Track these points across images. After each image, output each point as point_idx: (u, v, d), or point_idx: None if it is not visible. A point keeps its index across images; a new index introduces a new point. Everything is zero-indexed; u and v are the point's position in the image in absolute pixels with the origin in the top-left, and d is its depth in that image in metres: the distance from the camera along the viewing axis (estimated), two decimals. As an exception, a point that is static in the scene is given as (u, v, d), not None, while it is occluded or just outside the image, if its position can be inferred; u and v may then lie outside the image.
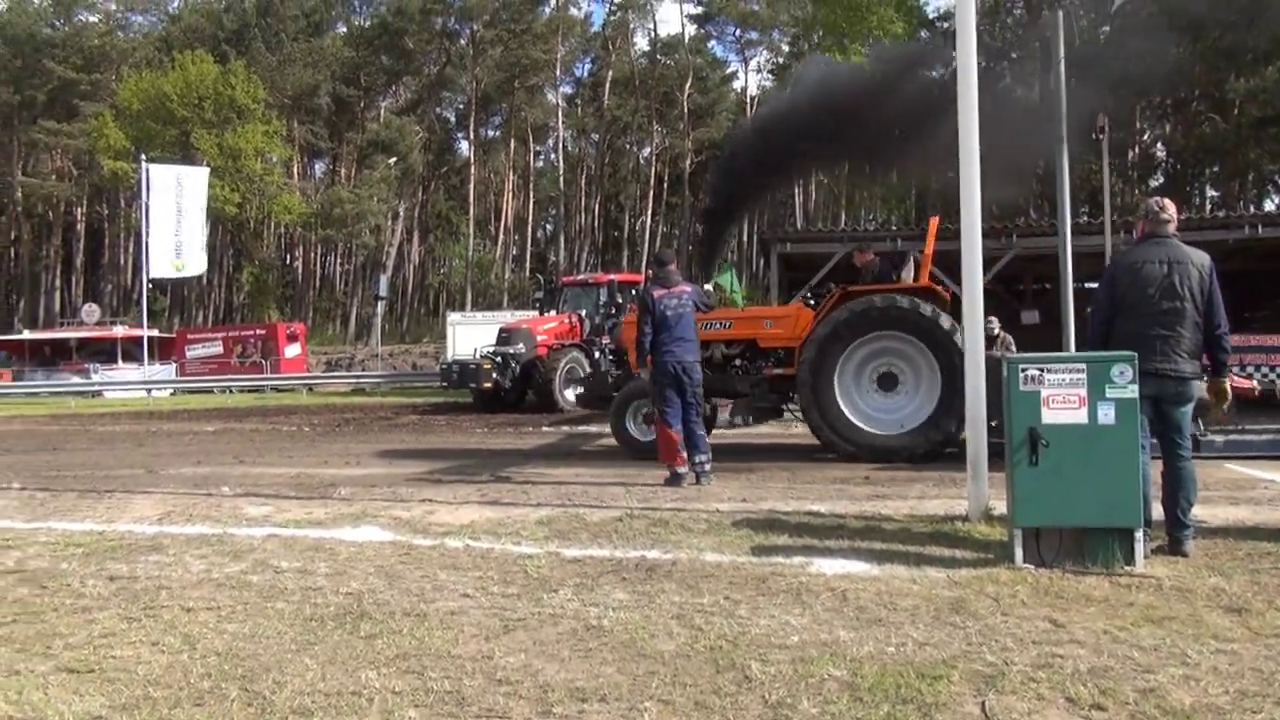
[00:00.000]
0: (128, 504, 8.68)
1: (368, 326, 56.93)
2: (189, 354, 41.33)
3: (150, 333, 38.79)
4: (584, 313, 22.90)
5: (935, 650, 4.14)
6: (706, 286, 11.70)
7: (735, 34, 69.09)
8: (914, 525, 6.75)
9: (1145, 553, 5.41)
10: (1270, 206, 45.39)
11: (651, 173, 67.29)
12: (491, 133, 72.25)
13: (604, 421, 12.79)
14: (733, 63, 73.62)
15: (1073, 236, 12.03)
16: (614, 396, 12.19)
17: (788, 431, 14.24)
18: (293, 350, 40.10)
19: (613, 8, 68.34)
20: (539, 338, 21.91)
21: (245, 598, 5.24)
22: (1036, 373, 5.48)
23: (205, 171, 42.34)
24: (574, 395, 19.64)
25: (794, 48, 60.10)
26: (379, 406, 26.21)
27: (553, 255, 67.91)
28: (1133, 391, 5.36)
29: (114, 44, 63.48)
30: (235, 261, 64.21)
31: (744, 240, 60.24)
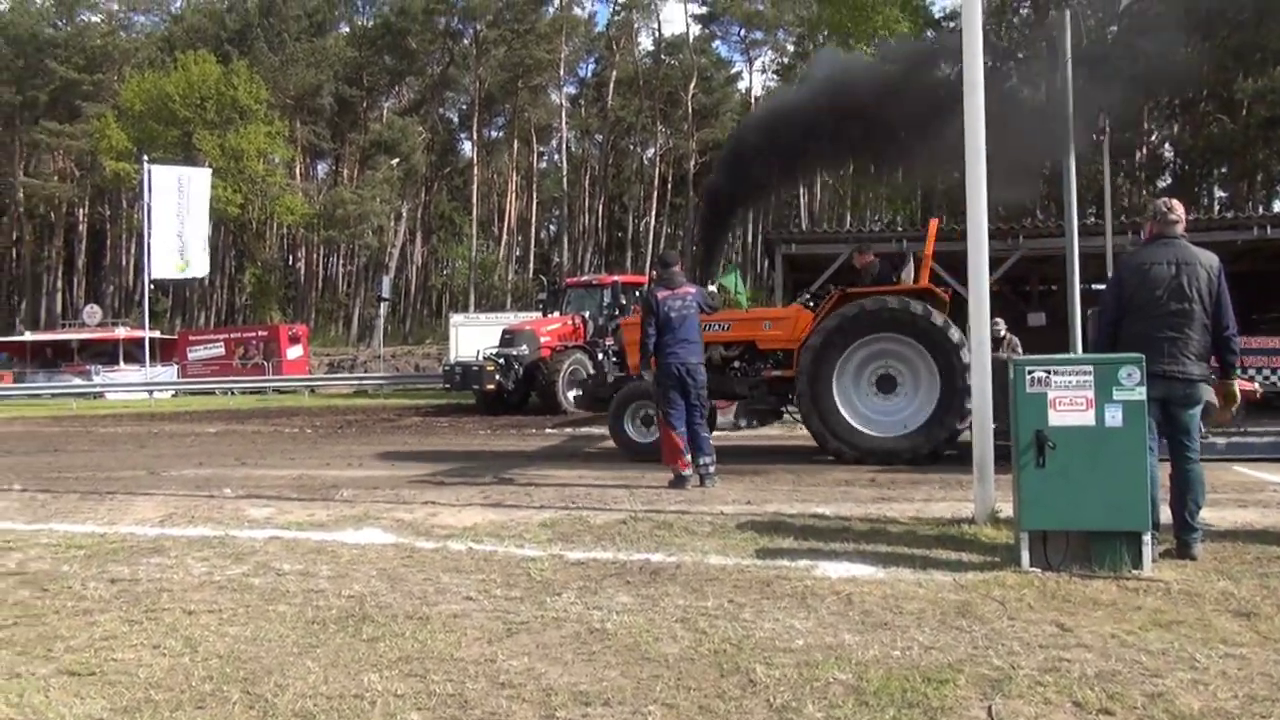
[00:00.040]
0: (129, 506, 8.68)
1: (370, 328, 56.94)
2: (191, 355, 41.40)
3: (152, 334, 38.84)
4: (588, 314, 22.90)
5: (941, 654, 4.12)
6: (710, 288, 11.65)
7: (740, 34, 69.03)
8: (920, 528, 6.73)
9: (1153, 556, 5.39)
10: (1279, 207, 45.34)
11: (655, 173, 67.10)
12: (495, 133, 72.21)
13: (607, 423, 12.75)
14: (737, 63, 73.55)
15: (1080, 237, 11.99)
16: (613, 398, 12.17)
17: (792, 433, 14.20)
18: (295, 352, 40.13)
19: (617, 7, 68.34)
20: (542, 339, 21.91)
21: (247, 600, 5.23)
22: (1043, 375, 5.45)
23: (207, 172, 42.44)
24: (573, 396, 19.67)
25: (799, 48, 60.03)
26: (381, 408, 26.23)
27: (556, 256, 67.87)
28: (1140, 394, 5.34)
29: (116, 44, 63.57)
30: (237, 263, 64.23)
31: (748, 241, 60.19)
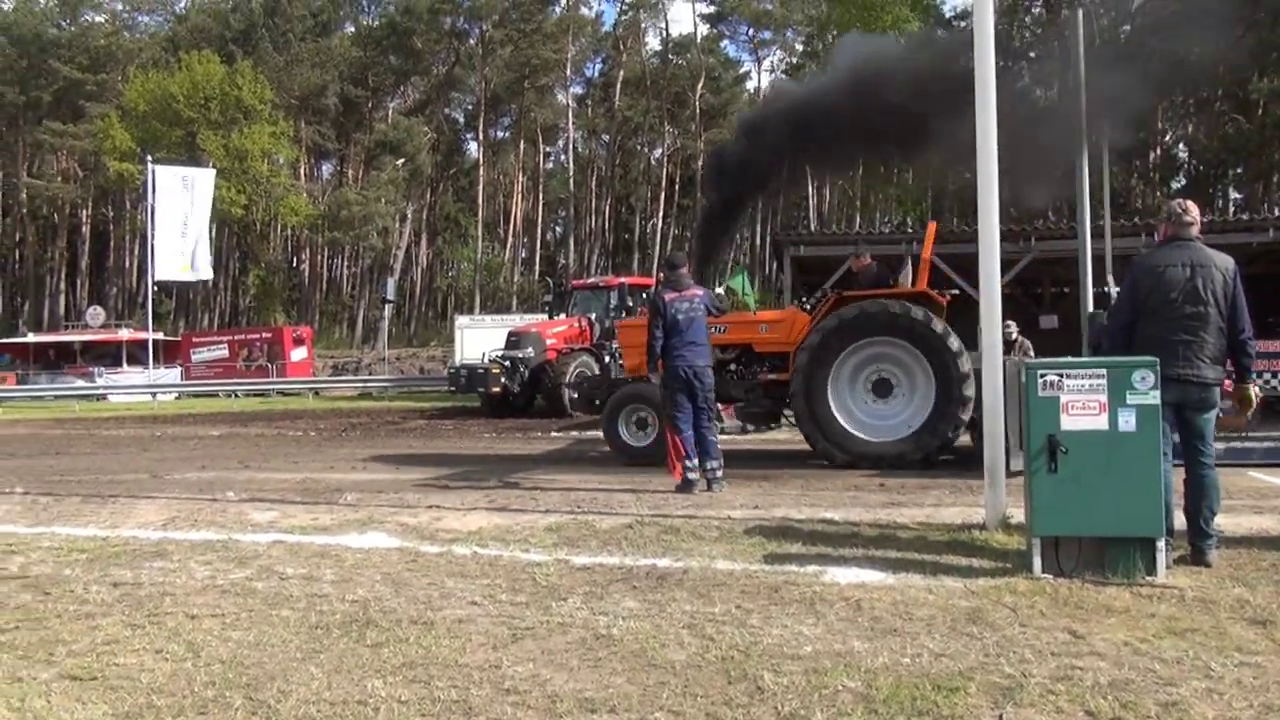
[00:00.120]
0: (132, 509, 8.68)
1: (375, 330, 56.95)
2: (194, 357, 41.41)
3: (155, 336, 38.72)
4: (594, 316, 22.85)
5: (952, 661, 4.10)
6: (718, 290, 11.61)
7: (748, 33, 68.71)
8: (930, 533, 6.70)
9: (1167, 563, 5.35)
10: (1294, 209, 45.06)
11: (663, 174, 66.85)
12: (501, 134, 72.14)
13: (601, 426, 12.72)
14: (746, 63, 73.41)
15: (1092, 239, 11.95)
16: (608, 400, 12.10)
17: (800, 438, 14.15)
18: (299, 354, 40.12)
19: (624, 7, 68.01)
20: (548, 342, 21.88)
21: (250, 605, 5.23)
22: (1056, 378, 5.41)
23: (211, 173, 42.41)
24: (569, 398, 19.66)
25: (808, 47, 59.91)
26: (386, 411, 26.27)
27: (562, 258, 67.81)
28: (1154, 398, 5.30)
29: (120, 44, 63.55)
30: (241, 264, 64.23)
31: (757, 243, 60.12)
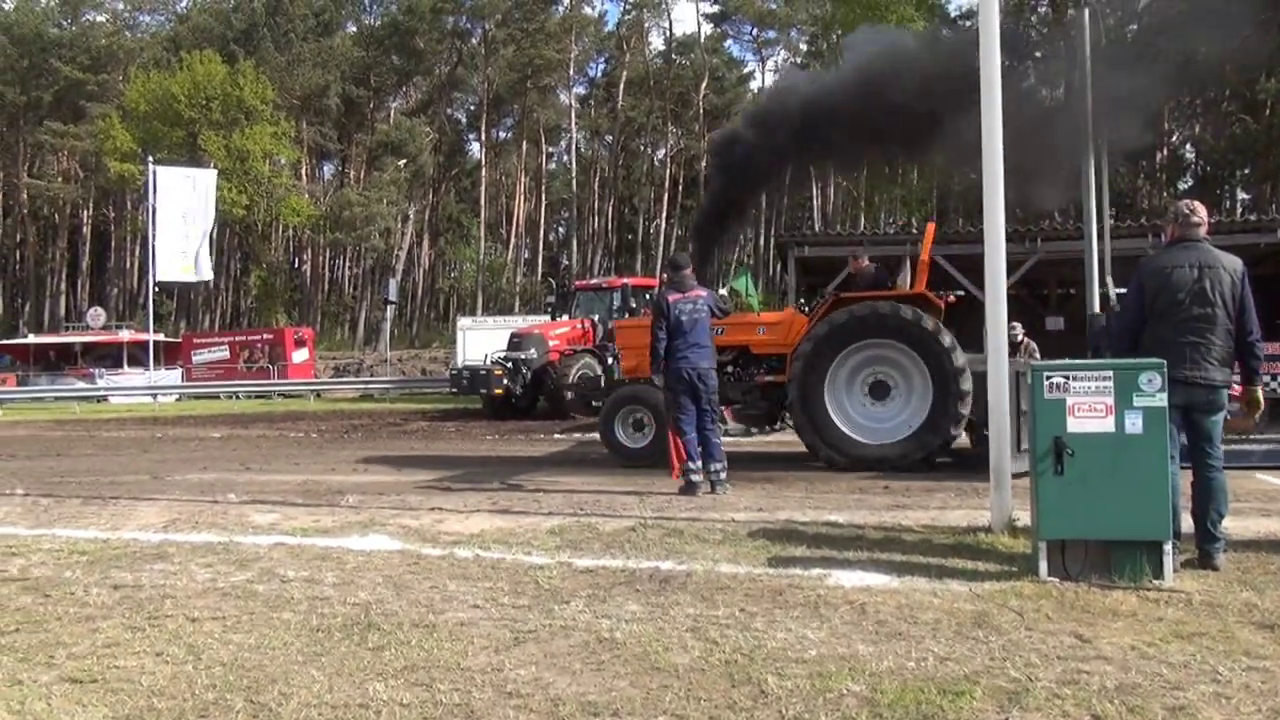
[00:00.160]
0: (132, 511, 8.68)
1: (376, 331, 56.92)
2: (195, 359, 41.36)
3: (156, 337, 38.68)
4: (597, 317, 22.81)
5: (957, 665, 4.08)
6: (722, 291, 11.59)
7: (752, 33, 68.60)
8: (935, 536, 6.69)
9: (1174, 566, 5.32)
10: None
11: (666, 175, 66.74)
12: (503, 134, 72.15)
13: (597, 427, 12.69)
14: (750, 62, 73.13)
15: (1099, 240, 11.91)
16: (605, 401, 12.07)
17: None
18: (300, 355, 40.08)
19: (627, 7, 67.66)
20: (551, 343, 21.83)
21: (251, 607, 5.21)
22: (1062, 380, 5.38)
23: (213, 173, 42.36)
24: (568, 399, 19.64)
25: (812, 47, 59.78)
26: (388, 413, 26.27)
27: (565, 259, 67.69)
28: (1161, 400, 5.27)
29: (121, 44, 63.66)
30: (242, 265, 64.28)
31: (761, 244, 60.05)
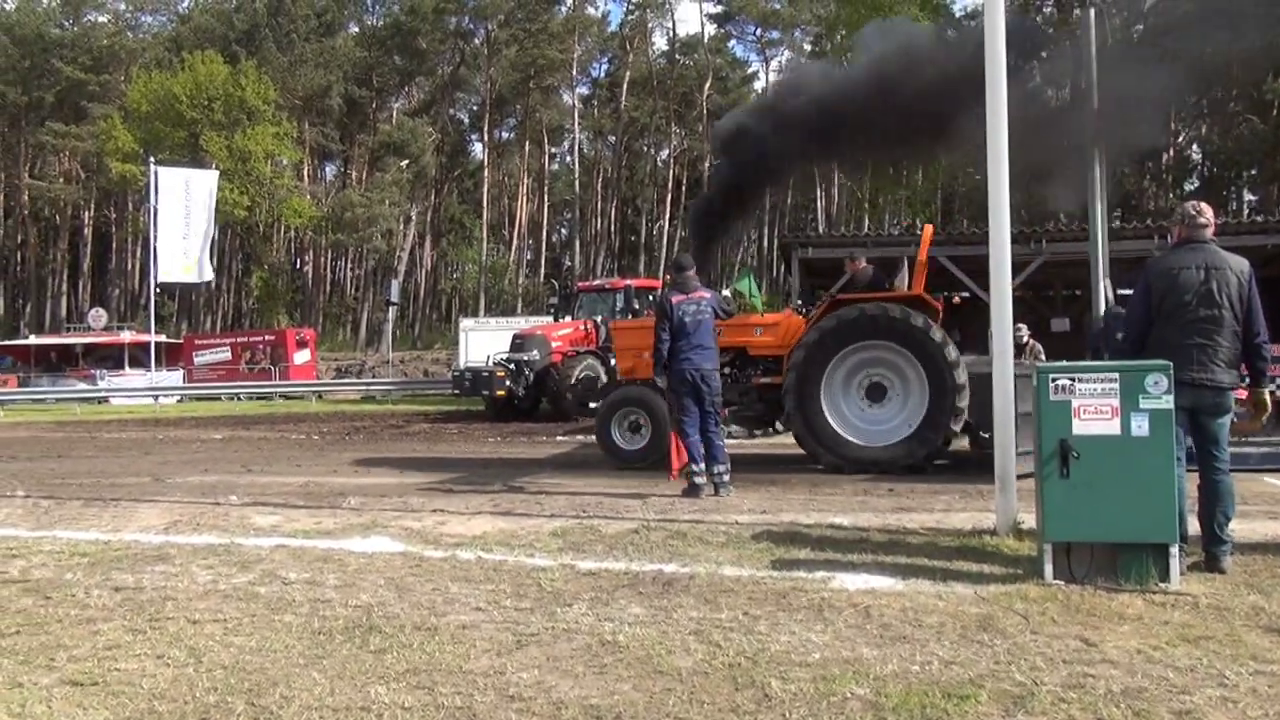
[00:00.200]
0: (133, 513, 8.67)
1: (379, 333, 56.86)
2: (197, 360, 41.25)
3: (158, 338, 38.68)
4: (600, 319, 22.76)
5: (962, 669, 4.06)
6: (725, 293, 11.55)
7: (756, 33, 68.04)
8: (940, 539, 6.66)
9: (1181, 569, 5.29)
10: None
11: (669, 175, 66.35)
12: (506, 135, 71.90)
13: (594, 429, 12.66)
14: (753, 63, 72.59)
15: (1105, 241, 11.89)
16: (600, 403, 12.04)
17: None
18: (302, 357, 40.00)
19: (630, 7, 67.40)
20: (554, 344, 21.81)
21: (252, 610, 5.20)
22: (1067, 382, 5.36)
23: (214, 174, 42.36)
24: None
25: (816, 47, 59.59)
26: (390, 414, 26.23)
27: (568, 260, 67.63)
28: (1168, 402, 5.25)
29: (123, 44, 63.55)
30: (244, 266, 64.24)
31: (764, 245, 59.96)
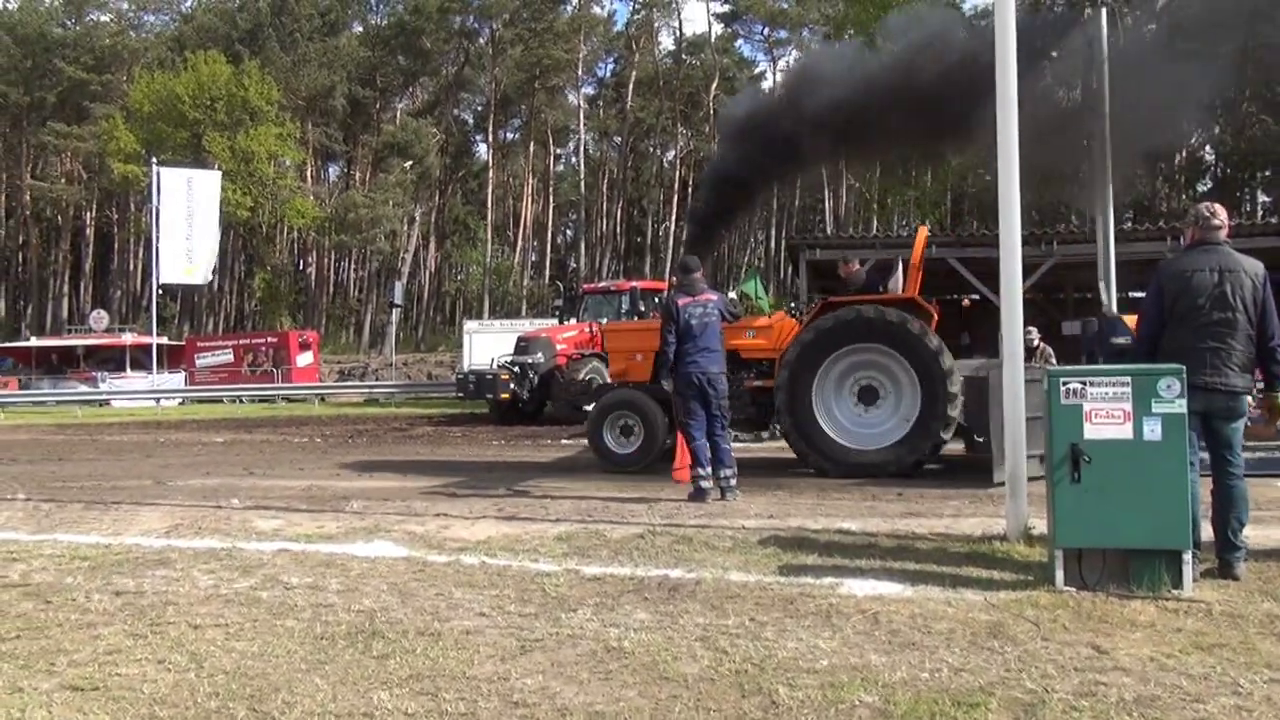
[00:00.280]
0: (135, 516, 8.65)
1: (382, 335, 56.84)
2: (199, 362, 41.17)
3: (159, 340, 38.73)
4: (605, 321, 22.72)
5: (972, 676, 4.04)
6: (731, 295, 11.51)
7: (763, 33, 67.91)
8: (949, 545, 6.61)
9: (1194, 576, 5.24)
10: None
11: (676, 176, 66.12)
12: (511, 135, 71.80)
13: (585, 432, 12.63)
14: (761, 63, 72.68)
15: (1117, 244, 11.82)
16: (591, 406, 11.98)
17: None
18: (305, 359, 39.95)
19: (637, 6, 66.97)
20: (558, 347, 21.74)
21: (254, 614, 5.18)
22: (1079, 386, 5.31)
23: (217, 175, 42.44)
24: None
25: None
26: (393, 417, 26.21)
27: (573, 262, 67.57)
28: (1181, 406, 5.20)
29: (125, 44, 63.64)
30: (247, 267, 64.29)
31: (771, 247, 59.88)
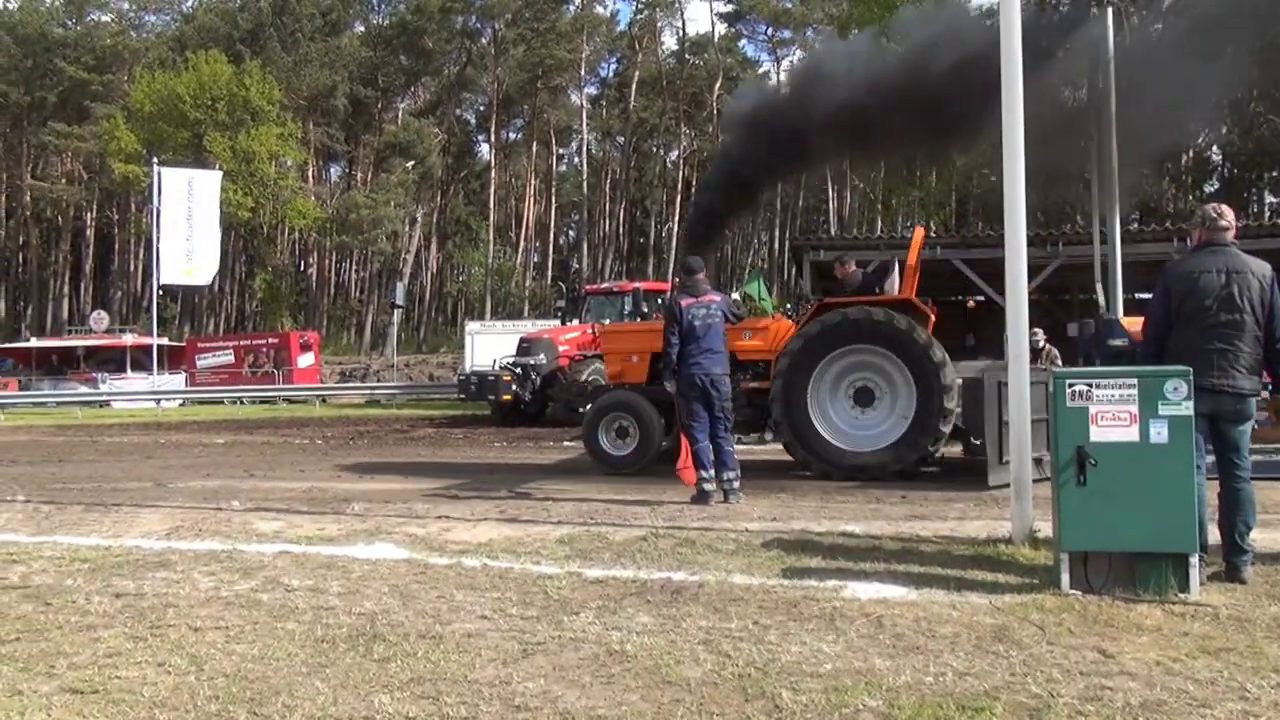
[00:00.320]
0: (135, 518, 8.63)
1: (383, 336, 56.84)
2: (199, 363, 41.16)
3: (160, 341, 38.71)
4: (608, 322, 22.69)
5: (976, 681, 4.02)
6: (734, 296, 11.49)
7: (767, 32, 67.73)
8: (954, 547, 6.59)
9: (1200, 579, 5.21)
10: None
11: (679, 177, 65.97)
12: (513, 135, 71.79)
13: (581, 434, 12.62)
14: (764, 62, 71.96)
15: (1123, 245, 11.80)
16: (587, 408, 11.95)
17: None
18: (306, 360, 39.92)
19: (640, 6, 67.04)
20: (561, 348, 21.71)
21: (255, 617, 5.16)
22: (1084, 388, 5.28)
23: (218, 175, 42.44)
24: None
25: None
26: (394, 419, 26.22)
27: (575, 262, 67.60)
28: (1187, 409, 5.17)
29: (126, 44, 63.69)
30: (248, 268, 64.34)
31: (775, 248, 59.81)
